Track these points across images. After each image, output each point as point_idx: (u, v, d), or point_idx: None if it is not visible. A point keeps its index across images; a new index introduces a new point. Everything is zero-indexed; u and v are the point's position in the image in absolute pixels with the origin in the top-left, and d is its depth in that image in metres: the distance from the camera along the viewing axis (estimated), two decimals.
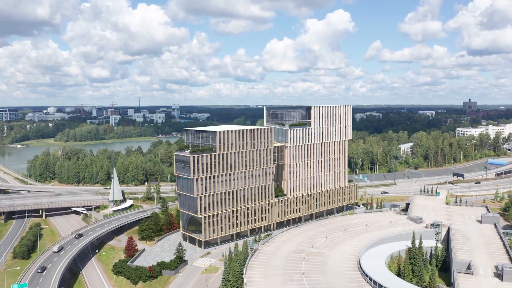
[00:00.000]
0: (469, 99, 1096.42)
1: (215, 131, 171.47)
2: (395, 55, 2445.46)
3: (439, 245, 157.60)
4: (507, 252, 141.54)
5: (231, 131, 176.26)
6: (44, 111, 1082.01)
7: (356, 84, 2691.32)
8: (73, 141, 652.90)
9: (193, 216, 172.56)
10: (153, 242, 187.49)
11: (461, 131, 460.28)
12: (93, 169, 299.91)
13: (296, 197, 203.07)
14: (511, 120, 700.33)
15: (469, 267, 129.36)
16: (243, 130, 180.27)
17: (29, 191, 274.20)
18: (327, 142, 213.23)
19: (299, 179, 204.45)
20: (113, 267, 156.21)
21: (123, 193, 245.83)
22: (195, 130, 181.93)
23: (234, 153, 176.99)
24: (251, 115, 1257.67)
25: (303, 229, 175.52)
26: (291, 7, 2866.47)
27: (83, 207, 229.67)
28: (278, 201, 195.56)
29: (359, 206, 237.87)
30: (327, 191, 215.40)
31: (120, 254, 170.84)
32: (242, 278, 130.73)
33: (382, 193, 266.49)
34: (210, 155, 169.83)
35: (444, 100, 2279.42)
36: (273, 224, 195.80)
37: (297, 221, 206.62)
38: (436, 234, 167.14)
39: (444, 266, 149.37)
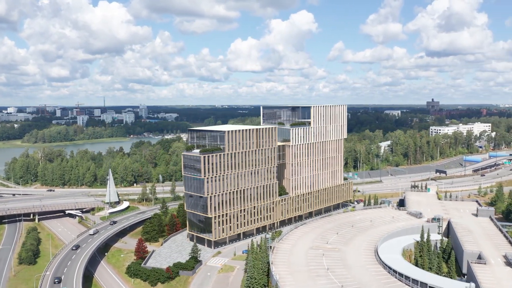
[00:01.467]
0: (432, 99, 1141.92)
1: (224, 131, 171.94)
2: (357, 56, 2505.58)
3: (445, 238, 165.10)
4: (510, 243, 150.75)
5: (239, 130, 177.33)
6: (5, 112, 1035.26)
7: (319, 84, 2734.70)
8: (42, 142, 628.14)
9: (201, 216, 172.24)
10: (158, 244, 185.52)
11: (435, 129, 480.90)
12: (79, 170, 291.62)
13: (298, 196, 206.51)
14: (474, 119, 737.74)
15: (479, 257, 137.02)
16: (250, 130, 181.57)
17: (14, 195, 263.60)
18: (325, 141, 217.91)
19: (300, 178, 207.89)
20: (127, 269, 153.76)
21: (117, 194, 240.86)
22: (201, 130, 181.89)
23: (242, 152, 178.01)
24: (220, 115, 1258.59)
25: (312, 226, 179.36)
26: (256, 7, 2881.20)
27: (76, 209, 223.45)
28: (282, 200, 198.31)
29: (353, 203, 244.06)
30: (325, 189, 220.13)
31: (130, 257, 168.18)
32: (267, 275, 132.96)
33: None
34: (219, 154, 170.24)
35: (403, 100, 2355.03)
36: (277, 222, 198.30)
37: (298, 219, 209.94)
38: (438, 228, 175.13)
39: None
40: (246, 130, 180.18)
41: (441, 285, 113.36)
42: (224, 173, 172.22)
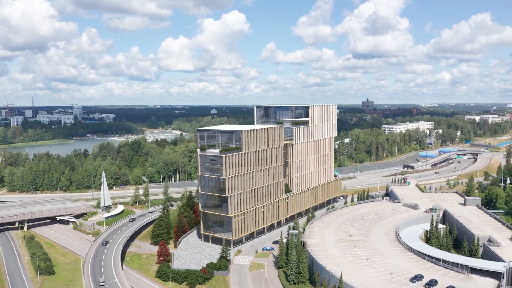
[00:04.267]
0: (367, 99, 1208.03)
1: (241, 131, 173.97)
2: (288, 57, 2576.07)
3: (444, 226, 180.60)
4: (508, 227, 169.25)
5: (254, 130, 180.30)
6: None
7: (251, 85, 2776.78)
8: None
9: (221, 216, 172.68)
10: (170, 246, 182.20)
11: (387, 128, 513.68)
12: (53, 174, 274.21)
13: (299, 193, 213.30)
14: (407, 118, 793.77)
15: (490, 241, 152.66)
16: (262, 129, 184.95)
17: None
18: (320, 139, 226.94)
19: (301, 175, 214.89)
20: (158, 273, 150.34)
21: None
22: (212, 130, 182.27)
23: (256, 151, 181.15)
24: (161, 115, 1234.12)
25: (325, 221, 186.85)
26: (190, 6, 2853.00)
27: (67, 215, 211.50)
28: (287, 197, 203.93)
29: (339, 198, 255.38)
30: (320, 185, 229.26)
31: (151, 260, 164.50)
32: (309, 269, 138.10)
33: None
34: (238, 154, 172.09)
35: (331, 100, 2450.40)
36: (283, 220, 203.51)
37: (298, 216, 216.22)
38: (436, 217, 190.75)
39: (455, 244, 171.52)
40: (259, 129, 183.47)
41: (481, 265, 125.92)
42: (242, 172, 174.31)
